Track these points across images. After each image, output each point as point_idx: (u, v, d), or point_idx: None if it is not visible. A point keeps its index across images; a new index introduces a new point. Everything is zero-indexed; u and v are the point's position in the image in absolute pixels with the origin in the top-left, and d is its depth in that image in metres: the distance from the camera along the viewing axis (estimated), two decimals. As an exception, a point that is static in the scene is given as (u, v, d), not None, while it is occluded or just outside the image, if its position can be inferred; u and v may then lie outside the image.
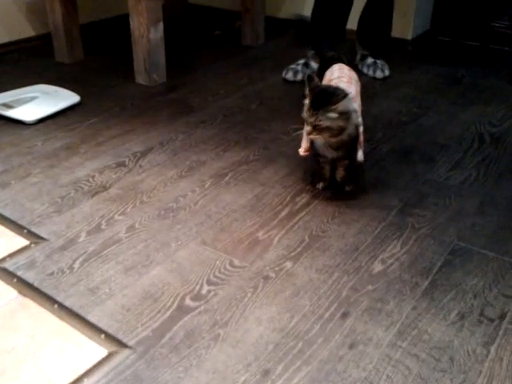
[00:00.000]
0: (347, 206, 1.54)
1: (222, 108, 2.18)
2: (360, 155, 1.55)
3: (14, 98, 2.10)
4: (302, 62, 2.46)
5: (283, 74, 2.45)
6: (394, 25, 2.53)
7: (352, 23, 2.47)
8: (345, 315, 1.16)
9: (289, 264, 1.31)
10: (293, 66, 2.45)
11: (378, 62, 2.48)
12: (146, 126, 2.01)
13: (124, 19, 2.36)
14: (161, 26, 2.31)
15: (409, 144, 1.88)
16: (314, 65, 2.41)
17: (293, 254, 1.35)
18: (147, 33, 2.27)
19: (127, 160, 1.78)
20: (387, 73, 2.45)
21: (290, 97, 2.28)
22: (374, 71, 2.45)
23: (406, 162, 1.77)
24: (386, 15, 2.48)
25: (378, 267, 1.30)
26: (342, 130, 1.43)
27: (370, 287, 1.24)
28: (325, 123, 1.40)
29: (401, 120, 2.06)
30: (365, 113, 1.59)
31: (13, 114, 2.00)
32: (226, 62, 2.68)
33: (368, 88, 2.34)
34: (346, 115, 1.42)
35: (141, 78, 2.37)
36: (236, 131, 1.99)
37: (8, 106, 2.04)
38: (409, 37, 2.79)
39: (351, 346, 1.09)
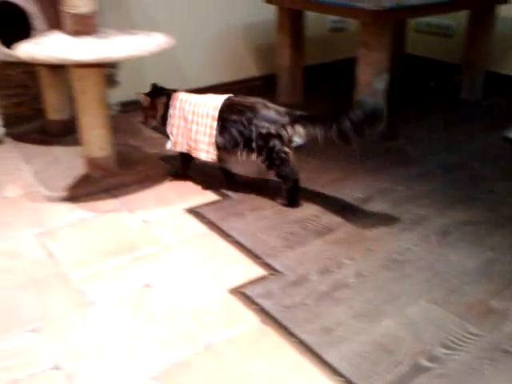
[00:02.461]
0: None
1: (440, 163, 2.15)
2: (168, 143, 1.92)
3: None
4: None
5: (506, 133, 2.35)
6: None
7: None
8: None
9: (531, 342, 1.24)
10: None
11: None
12: (365, 173, 2.06)
13: (341, 64, 2.46)
14: (385, 76, 2.36)
15: None
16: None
17: (534, 331, 1.28)
18: (371, 82, 2.33)
19: (349, 205, 1.84)
20: None
21: (514, 158, 2.19)
22: None
23: None
24: None
25: None
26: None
27: None
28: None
29: None
30: None
31: (244, 148, 2.18)
32: (442, 115, 2.65)
33: None
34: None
35: (358, 125, 2.43)
36: (457, 189, 1.95)
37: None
38: None
39: None
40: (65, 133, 2.27)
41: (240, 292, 1.42)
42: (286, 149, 1.77)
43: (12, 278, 1.48)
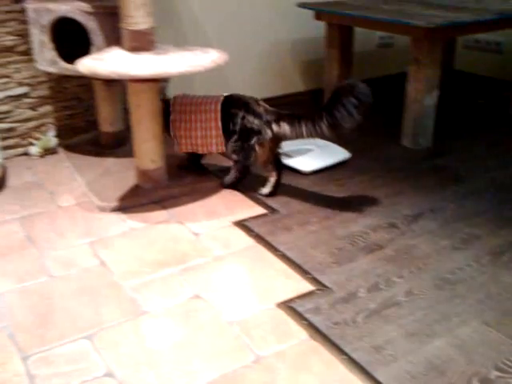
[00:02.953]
0: None
1: (492, 181, 2.11)
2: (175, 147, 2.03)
3: (292, 148, 2.31)
4: None
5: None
6: None
7: None
8: None
9: None
10: None
11: None
12: (414, 190, 2.04)
13: (388, 80, 2.45)
14: (436, 93, 2.34)
15: None
16: None
17: None
18: (422, 99, 2.32)
19: (398, 222, 1.82)
20: None
21: None
22: None
23: None
24: None
25: None
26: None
27: None
28: None
29: None
30: None
31: (292, 163, 2.20)
32: (492, 132, 2.61)
33: None
34: None
35: (406, 141, 2.42)
36: (509, 208, 1.90)
37: (287, 155, 2.25)
38: None
39: None
40: (116, 144, 2.33)
41: (288, 306, 1.43)
42: (257, 147, 1.91)
43: (67, 285, 1.52)
